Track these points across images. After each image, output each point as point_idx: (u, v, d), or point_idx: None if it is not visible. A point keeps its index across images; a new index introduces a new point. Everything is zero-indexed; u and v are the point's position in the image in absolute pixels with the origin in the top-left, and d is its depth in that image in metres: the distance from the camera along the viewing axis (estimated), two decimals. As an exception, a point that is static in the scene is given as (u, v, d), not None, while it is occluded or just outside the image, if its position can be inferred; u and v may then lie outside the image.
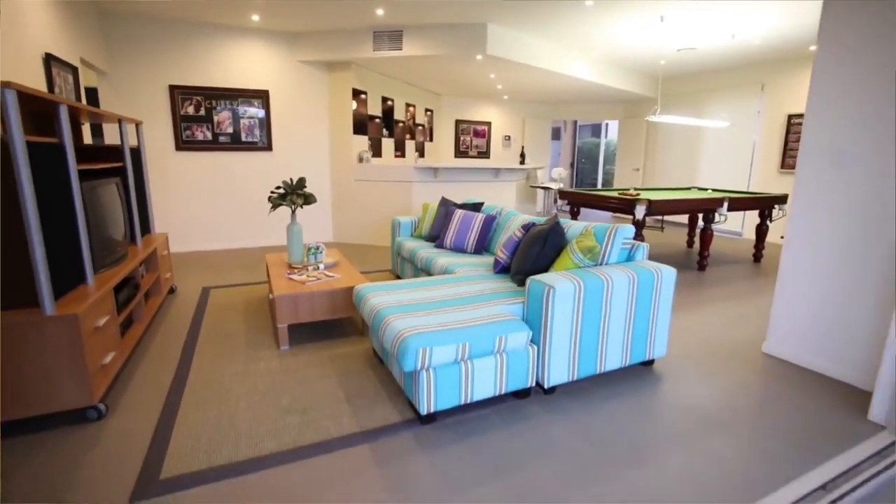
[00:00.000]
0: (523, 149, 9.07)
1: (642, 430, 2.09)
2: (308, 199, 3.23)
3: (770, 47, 6.00)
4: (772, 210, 5.35)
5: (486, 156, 9.87)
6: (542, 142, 10.46)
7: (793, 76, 6.60)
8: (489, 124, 9.77)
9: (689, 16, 4.80)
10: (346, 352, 2.86)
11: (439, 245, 3.89)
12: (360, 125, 6.31)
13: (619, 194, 4.95)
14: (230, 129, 5.74)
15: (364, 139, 6.42)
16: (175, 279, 4.49)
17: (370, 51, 5.45)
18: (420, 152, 8.40)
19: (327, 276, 3.18)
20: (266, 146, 5.93)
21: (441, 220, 4.07)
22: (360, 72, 6.19)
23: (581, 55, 6.65)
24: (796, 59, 6.51)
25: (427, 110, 8.58)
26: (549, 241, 2.66)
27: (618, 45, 6.10)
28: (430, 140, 8.92)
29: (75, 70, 4.05)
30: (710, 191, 6.16)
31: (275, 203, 3.24)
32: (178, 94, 5.47)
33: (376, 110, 6.77)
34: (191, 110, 5.55)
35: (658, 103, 6.36)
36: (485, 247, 3.78)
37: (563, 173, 8.61)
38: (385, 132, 7.12)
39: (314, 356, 2.79)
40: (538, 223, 2.92)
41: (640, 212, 4.26)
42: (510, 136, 10.06)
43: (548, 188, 7.60)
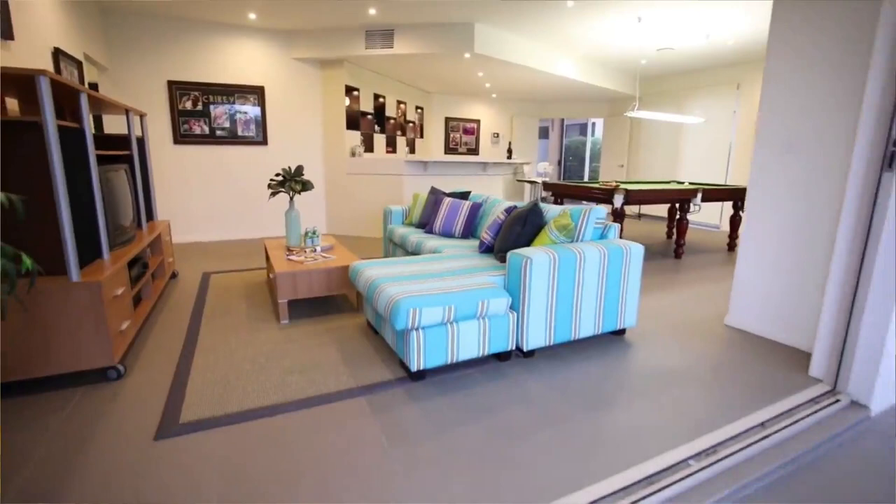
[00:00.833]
0: (510, 144, 9.34)
1: (610, 384, 2.34)
2: (306, 185, 3.45)
3: (744, 48, 6.32)
4: (744, 201, 5.65)
5: (475, 153, 10.13)
6: (529, 140, 10.74)
7: (766, 75, 6.93)
8: (478, 122, 10.02)
9: (664, 17, 5.09)
10: (342, 325, 3.08)
11: (429, 231, 4.12)
12: (353, 121, 6.53)
13: (600, 185, 5.23)
14: (227, 124, 5.93)
15: (357, 134, 6.65)
16: (176, 266, 4.67)
17: (363, 49, 5.67)
18: (411, 148, 8.63)
19: (324, 257, 3.41)
20: (262, 141, 6.13)
21: (431, 208, 4.31)
22: (353, 69, 6.41)
23: (565, 54, 6.93)
24: (769, 59, 6.84)
25: (418, 108, 8.81)
26: (528, 221, 2.91)
27: (600, 45, 6.38)
28: (421, 137, 9.15)
29: (80, 64, 4.23)
30: (687, 184, 6.46)
31: (274, 189, 3.46)
32: (177, 89, 5.65)
33: (368, 107, 6.99)
34: (188, 105, 5.74)
35: (637, 99, 6.64)
36: (471, 232, 4.03)
37: (548, 168, 8.89)
38: (377, 128, 7.34)
39: (312, 328, 3.01)
40: (520, 206, 3.17)
41: (618, 200, 4.53)
42: (499, 134, 10.33)
43: (534, 182, 7.88)
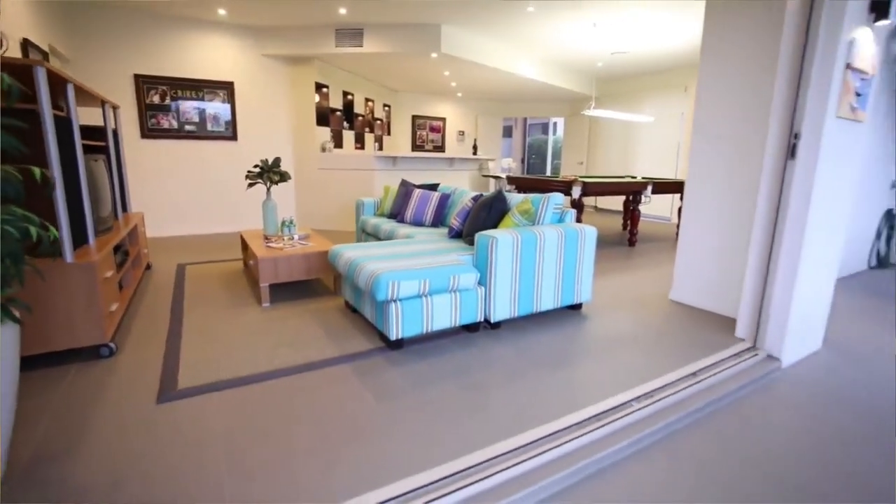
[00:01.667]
0: (475, 141, 9.65)
1: (566, 349, 2.65)
2: (283, 176, 3.61)
3: (690, 53, 6.84)
4: (690, 194, 6.15)
5: (441, 150, 10.39)
6: (494, 138, 11.10)
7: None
8: (444, 120, 10.30)
9: (617, 23, 5.50)
10: (321, 306, 3.28)
11: (400, 220, 4.35)
12: (323, 117, 6.66)
13: (560, 178, 5.59)
14: (196, 119, 5.96)
15: (326, 131, 6.78)
16: (149, 258, 4.71)
17: (332, 47, 5.83)
18: (379, 145, 8.80)
19: (302, 244, 3.58)
20: (231, 136, 6.19)
21: (401, 199, 4.53)
22: (323, 67, 6.55)
23: (528, 56, 7.29)
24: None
25: (385, 105, 9.00)
26: (493, 207, 3.19)
27: (559, 48, 6.77)
28: (389, 134, 9.34)
29: (46, 55, 4.22)
30: (640, 178, 6.94)
31: (252, 179, 3.60)
32: (144, 83, 5.64)
33: (338, 104, 7.14)
34: (156, 99, 5.73)
35: (593, 99, 7.06)
36: (441, 220, 4.28)
37: (512, 164, 9.26)
38: (346, 125, 7.49)
39: (293, 310, 3.19)
40: (486, 195, 3.45)
41: (576, 192, 4.90)
42: (464, 132, 10.63)
43: (498, 177, 8.22)
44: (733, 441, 1.88)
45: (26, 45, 3.73)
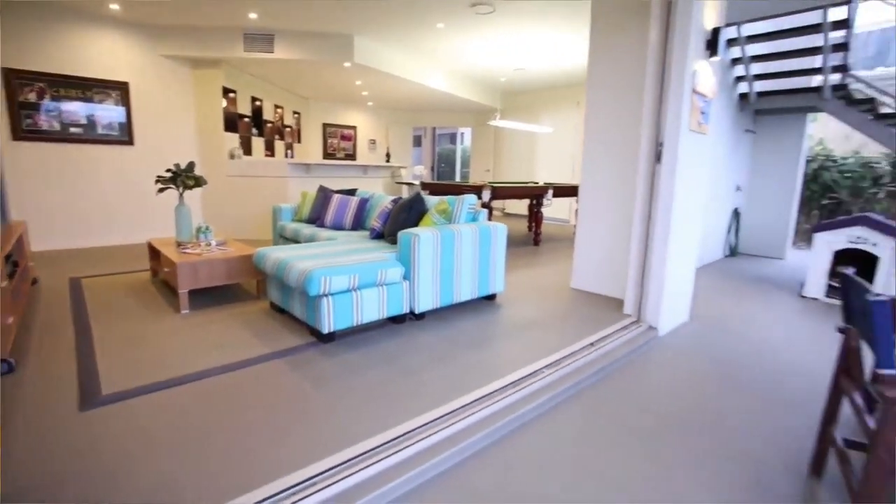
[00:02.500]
0: (388, 149, 9.85)
1: (485, 332, 2.95)
2: (198, 181, 3.53)
3: (581, 72, 7.66)
4: (584, 198, 6.89)
5: (352, 158, 10.43)
6: (405, 147, 11.37)
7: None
8: (355, 128, 10.36)
9: (517, 42, 6.05)
10: (245, 310, 3.27)
11: (320, 225, 4.41)
12: (231, 123, 6.45)
13: (471, 184, 5.99)
14: (83, 121, 5.47)
15: (235, 137, 6.57)
16: (35, 272, 4.25)
17: (241, 51, 5.71)
18: (290, 152, 8.65)
19: (221, 249, 3.52)
20: (127, 140, 5.76)
21: (320, 204, 4.60)
22: (230, 71, 6.36)
23: (438, 68, 7.67)
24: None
25: (295, 112, 8.87)
26: (413, 208, 3.42)
27: (467, 62, 7.23)
28: (299, 141, 9.20)
29: None
30: (542, 183, 7.61)
31: (164, 184, 3.47)
32: (15, 78, 5.08)
33: (246, 109, 6.94)
34: (32, 97, 5.19)
35: (498, 111, 7.62)
36: (360, 224, 4.42)
37: (423, 171, 9.60)
38: (255, 131, 7.29)
39: (215, 315, 3.14)
40: (404, 198, 3.67)
41: (486, 195, 5.30)
42: (375, 141, 10.78)
43: (411, 184, 8.50)
44: (626, 393, 2.28)
45: None
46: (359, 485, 1.51)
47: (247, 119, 6.98)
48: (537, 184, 7.55)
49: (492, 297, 3.65)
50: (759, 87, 5.38)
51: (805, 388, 2.39)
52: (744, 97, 5.50)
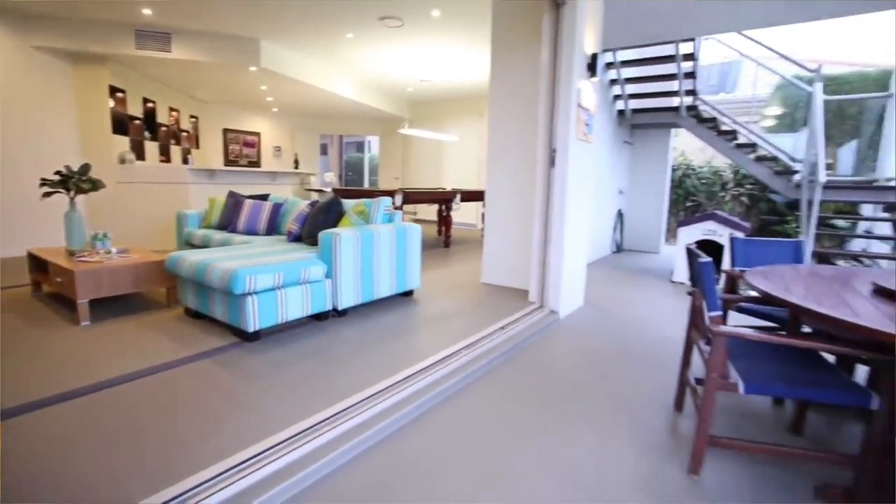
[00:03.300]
0: (297, 155, 9.68)
1: (405, 323, 3.15)
2: (95, 184, 3.30)
3: (483, 85, 8.21)
4: (490, 202, 7.39)
5: (256, 165, 10.06)
6: (311, 154, 11.20)
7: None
8: (259, 135, 10.02)
9: (422, 55, 6.37)
10: (158, 318, 3.13)
11: (232, 230, 4.32)
12: (120, 125, 5.98)
13: (383, 189, 6.17)
14: (-67, 118, 4.76)
15: (125, 140, 6.10)
16: None
17: (132, 48, 5.36)
18: (185, 158, 8.14)
19: (123, 257, 3.33)
20: (-9, 141, 5.10)
21: (231, 210, 4.49)
22: (118, 69, 5.90)
23: (346, 76, 7.75)
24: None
25: (192, 116, 8.39)
26: (331, 210, 3.53)
27: (375, 72, 7.41)
28: (197, 147, 8.69)
29: None
30: (450, 188, 8.01)
31: (52, 188, 3.21)
32: None
33: (137, 111, 6.46)
34: None
35: (407, 119, 7.90)
36: (275, 229, 4.39)
37: (333, 178, 9.56)
38: (147, 135, 6.80)
39: (122, 325, 2.98)
40: (321, 201, 3.76)
41: (398, 200, 5.51)
42: (280, 148, 10.50)
43: (321, 190, 8.44)
44: (533, 366, 2.61)
45: None
46: (298, 460, 1.63)
47: (138, 121, 6.50)
48: (446, 189, 7.93)
49: (409, 294, 3.86)
50: (634, 104, 6.25)
51: (675, 352, 2.91)
52: (621, 113, 6.34)
